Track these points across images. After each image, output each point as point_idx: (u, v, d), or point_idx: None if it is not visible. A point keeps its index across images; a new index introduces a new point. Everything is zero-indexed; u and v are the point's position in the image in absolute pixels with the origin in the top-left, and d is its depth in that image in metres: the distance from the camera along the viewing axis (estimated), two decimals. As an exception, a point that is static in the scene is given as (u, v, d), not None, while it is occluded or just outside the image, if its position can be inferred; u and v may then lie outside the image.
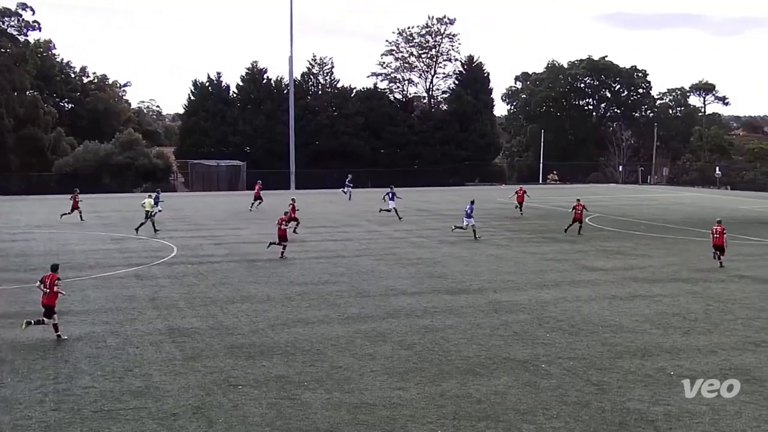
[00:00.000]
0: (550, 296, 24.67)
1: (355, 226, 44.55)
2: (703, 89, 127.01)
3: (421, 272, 28.92)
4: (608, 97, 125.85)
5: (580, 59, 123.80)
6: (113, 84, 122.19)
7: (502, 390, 15.51)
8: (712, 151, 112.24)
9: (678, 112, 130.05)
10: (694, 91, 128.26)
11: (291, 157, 79.78)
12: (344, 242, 37.40)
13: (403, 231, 41.81)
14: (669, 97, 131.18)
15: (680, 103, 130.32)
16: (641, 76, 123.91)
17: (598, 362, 17.40)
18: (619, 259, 32.53)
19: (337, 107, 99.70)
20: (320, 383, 15.88)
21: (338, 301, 23.65)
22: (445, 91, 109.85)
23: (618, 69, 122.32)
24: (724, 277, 28.24)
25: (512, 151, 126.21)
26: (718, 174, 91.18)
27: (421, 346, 18.62)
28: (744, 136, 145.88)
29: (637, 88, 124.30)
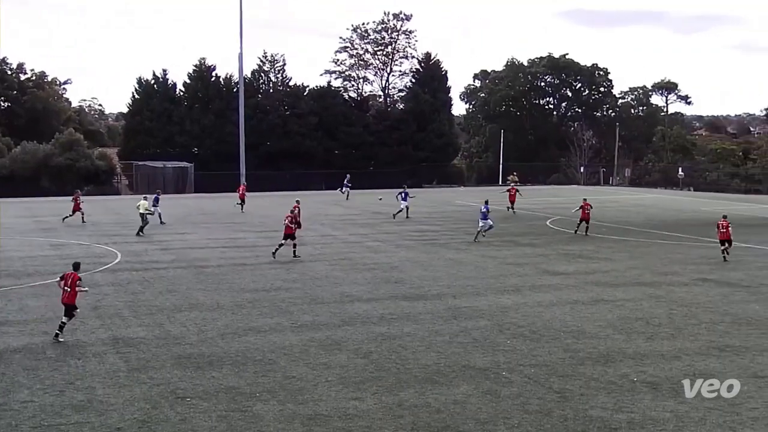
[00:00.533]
0: (510, 301, 24.83)
1: (308, 230, 44.36)
2: (666, 88, 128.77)
3: (378, 278, 28.94)
4: (569, 96, 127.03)
5: (540, 57, 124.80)
6: (52, 81, 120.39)
7: (461, 399, 15.56)
8: (675, 152, 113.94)
9: (640, 112, 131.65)
10: (656, 90, 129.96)
11: (241, 158, 79.27)
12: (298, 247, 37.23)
13: (359, 235, 41.83)
14: (631, 96, 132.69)
15: (642, 103, 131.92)
16: (603, 74, 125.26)
17: (560, 369, 17.54)
18: (581, 263, 32.87)
19: (289, 106, 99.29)
20: (273, 394, 15.80)
21: (291, 309, 23.56)
22: (402, 90, 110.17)
23: (579, 67, 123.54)
24: (688, 281, 28.67)
25: (471, 151, 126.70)
26: (680, 175, 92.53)
27: (377, 355, 18.63)
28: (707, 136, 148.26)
29: (598, 86, 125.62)
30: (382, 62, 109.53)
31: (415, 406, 15.20)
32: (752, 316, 22.99)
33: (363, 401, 15.43)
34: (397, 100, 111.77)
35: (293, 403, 15.29)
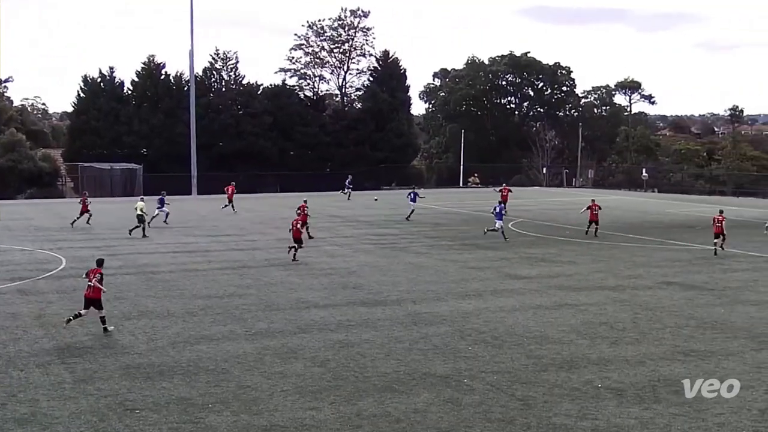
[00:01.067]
0: (472, 307, 24.92)
1: (263, 234, 44.27)
2: (629, 87, 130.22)
3: (335, 283, 28.89)
4: (531, 95, 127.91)
5: (501, 55, 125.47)
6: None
7: (422, 408, 15.59)
8: (639, 152, 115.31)
9: (603, 112, 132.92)
10: (619, 89, 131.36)
11: (192, 159, 78.69)
12: (251, 251, 37.11)
13: (316, 239, 41.69)
14: (594, 96, 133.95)
15: (605, 102, 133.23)
16: (565, 73, 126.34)
17: (523, 376, 17.65)
18: (543, 267, 33.10)
19: (242, 105, 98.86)
20: (226, 405, 15.71)
21: (245, 316, 23.44)
22: (359, 89, 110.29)
23: (541, 66, 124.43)
24: (652, 284, 29.01)
25: (431, 152, 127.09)
26: (644, 176, 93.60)
27: (335, 363, 18.60)
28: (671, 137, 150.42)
29: (560, 86, 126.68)
30: (339, 60, 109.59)
31: (374, 415, 15.20)
32: (717, 319, 23.32)
33: (320, 411, 15.39)
34: (354, 100, 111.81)
35: (247, 414, 15.21)
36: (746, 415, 15.19)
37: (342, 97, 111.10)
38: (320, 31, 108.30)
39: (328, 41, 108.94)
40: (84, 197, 48.43)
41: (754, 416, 15.16)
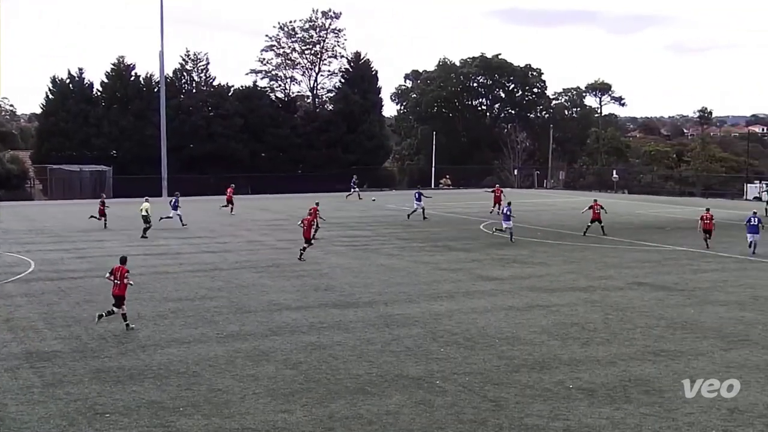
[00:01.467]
0: (444, 308, 24.97)
1: (234, 236, 44.12)
2: (599, 89, 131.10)
3: (307, 285, 28.85)
4: (502, 97, 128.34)
5: (472, 57, 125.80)
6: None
7: (394, 410, 15.60)
8: (609, 154, 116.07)
9: (574, 113, 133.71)
10: (590, 91, 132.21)
11: (163, 161, 78.28)
12: (223, 254, 36.98)
13: (287, 241, 41.63)
14: (565, 98, 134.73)
15: (576, 104, 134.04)
16: (536, 75, 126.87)
17: (495, 377, 17.71)
18: (515, 268, 33.23)
19: (213, 107, 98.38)
20: (197, 408, 15.63)
21: (216, 318, 23.35)
22: (331, 90, 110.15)
23: (512, 68, 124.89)
24: (623, 285, 29.20)
25: (403, 154, 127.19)
26: (615, 177, 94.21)
27: (307, 365, 18.57)
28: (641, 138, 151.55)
29: (531, 87, 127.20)
30: (310, 62, 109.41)
31: (347, 417, 15.19)
32: (687, 320, 23.52)
33: (292, 414, 15.36)
34: (325, 101, 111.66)
35: (219, 417, 15.15)
36: (716, 415, 15.33)
37: (313, 98, 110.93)
38: (291, 32, 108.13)
39: (300, 42, 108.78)
40: (102, 200, 49.10)
41: (723, 415, 15.30)
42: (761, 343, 20.76)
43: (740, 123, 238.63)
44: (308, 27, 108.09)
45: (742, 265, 34.70)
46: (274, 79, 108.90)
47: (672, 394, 16.52)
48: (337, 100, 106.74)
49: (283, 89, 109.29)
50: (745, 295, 27.52)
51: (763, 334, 21.74)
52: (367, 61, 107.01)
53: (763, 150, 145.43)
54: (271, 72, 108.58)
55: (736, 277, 31.36)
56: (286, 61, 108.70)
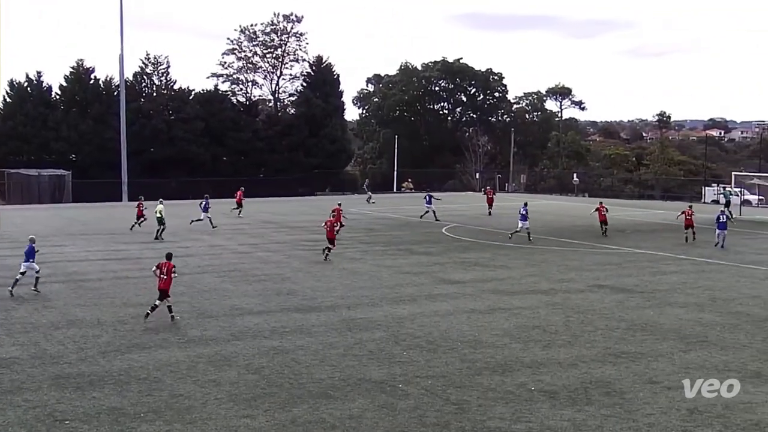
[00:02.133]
0: (406, 312, 25.00)
1: (196, 240, 43.82)
2: (560, 93, 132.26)
3: (269, 289, 28.75)
4: (464, 101, 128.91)
5: (434, 61, 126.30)
6: None
7: (357, 414, 15.58)
8: (570, 157, 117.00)
9: (535, 117, 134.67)
10: (550, 95, 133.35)
11: (123, 165, 77.62)
12: (185, 258, 36.69)
13: (249, 245, 41.50)
14: (525, 102, 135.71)
15: (537, 108, 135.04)
16: (497, 79, 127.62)
17: (458, 380, 17.75)
18: (477, 271, 33.36)
19: (174, 111, 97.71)
20: (158, 414, 15.51)
21: (178, 323, 23.18)
22: (293, 94, 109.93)
23: (473, 72, 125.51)
24: (584, 288, 29.43)
25: (365, 157, 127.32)
26: (575, 181, 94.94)
27: (269, 370, 18.49)
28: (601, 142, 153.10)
29: (493, 91, 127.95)
30: (272, 65, 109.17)
31: (309, 422, 15.15)
32: (647, 321, 23.75)
33: (254, 419, 15.29)
34: (287, 105, 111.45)
35: (180, 423, 15.04)
36: (675, 415, 15.49)
37: (275, 102, 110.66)
38: (253, 35, 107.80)
39: (261, 46, 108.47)
40: (140, 203, 49.52)
41: (683, 416, 15.47)
42: (719, 345, 21.02)
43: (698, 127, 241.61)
44: (270, 31, 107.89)
45: (700, 267, 35.12)
46: (236, 83, 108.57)
47: (632, 395, 16.67)
48: (299, 103, 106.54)
49: (245, 93, 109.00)
50: (703, 297, 27.86)
51: (721, 336, 22.02)
52: (329, 64, 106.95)
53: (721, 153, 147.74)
54: (233, 76, 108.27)
55: (694, 279, 31.73)
56: (248, 65, 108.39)
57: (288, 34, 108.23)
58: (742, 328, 22.92)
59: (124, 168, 77.62)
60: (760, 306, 26.19)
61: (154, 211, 44.52)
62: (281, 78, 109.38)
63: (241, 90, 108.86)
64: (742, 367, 18.84)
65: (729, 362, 19.24)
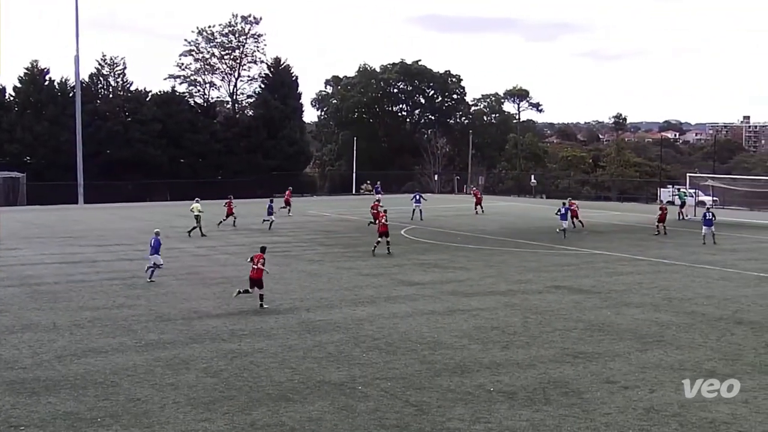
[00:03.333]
0: (365, 313, 25.00)
1: (153, 243, 43.42)
2: (517, 95, 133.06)
3: (227, 292, 28.55)
4: (422, 103, 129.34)
5: (393, 63, 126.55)
6: None
7: (316, 416, 15.55)
8: (527, 159, 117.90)
9: (493, 119, 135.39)
10: (508, 97, 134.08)
11: (79, 167, 76.78)
12: (141, 261, 36.33)
13: (207, 248, 41.26)
14: (483, 104, 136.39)
15: (495, 110, 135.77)
16: (455, 81, 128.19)
17: (417, 381, 17.78)
18: (436, 273, 33.44)
19: (130, 112, 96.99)
20: (115, 419, 15.35)
21: (135, 327, 22.97)
22: (251, 96, 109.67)
23: (432, 74, 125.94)
24: (542, 289, 29.62)
25: (324, 159, 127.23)
26: (533, 182, 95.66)
27: (228, 373, 18.39)
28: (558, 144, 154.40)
29: (451, 93, 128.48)
30: (230, 67, 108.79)
31: (269, 425, 15.09)
32: (604, 322, 23.96)
33: (213, 422, 15.19)
34: (245, 107, 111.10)
35: (138, 428, 14.90)
36: (632, 414, 15.64)
37: (233, 104, 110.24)
38: (210, 37, 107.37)
39: (219, 47, 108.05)
40: (229, 201, 51.72)
41: (639, 415, 15.62)
42: (675, 344, 21.26)
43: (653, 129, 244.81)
44: (228, 32, 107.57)
45: (656, 267, 35.51)
46: (193, 85, 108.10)
47: (590, 395, 16.80)
48: (257, 105, 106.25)
49: (203, 94, 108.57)
50: (659, 297, 28.17)
51: (677, 335, 22.28)
52: (287, 66, 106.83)
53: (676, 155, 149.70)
54: (190, 77, 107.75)
55: (650, 279, 32.07)
56: (205, 66, 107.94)
57: (246, 35, 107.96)
58: (697, 328, 23.22)
59: (80, 170, 76.80)
60: (715, 306, 26.55)
61: (190, 209, 46.61)
62: (239, 80, 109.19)
63: (199, 91, 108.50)
64: (698, 366, 19.08)
65: (684, 361, 19.47)
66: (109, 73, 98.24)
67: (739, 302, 27.10)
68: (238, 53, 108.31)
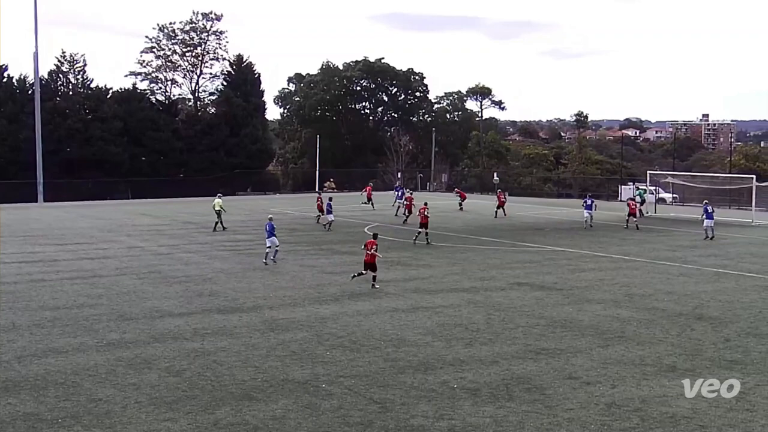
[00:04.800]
0: (329, 311, 24.98)
1: (114, 242, 43.13)
2: (480, 93, 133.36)
3: (190, 291, 28.44)
4: (385, 100, 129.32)
5: (355, 61, 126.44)
6: None
7: (280, 415, 15.51)
8: (490, 157, 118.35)
9: (455, 117, 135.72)
10: (471, 95, 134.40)
11: (38, 165, 75.96)
12: (102, 260, 36.11)
13: (169, 246, 41.00)
14: (446, 101, 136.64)
15: (458, 108, 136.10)
16: (418, 79, 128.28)
17: (381, 379, 17.80)
18: (399, 270, 33.49)
19: (90, 110, 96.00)
20: (77, 419, 15.21)
21: (96, 327, 22.77)
22: (213, 93, 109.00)
23: (395, 72, 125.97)
24: (504, 286, 29.78)
25: (286, 157, 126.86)
26: (495, 180, 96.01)
27: (191, 372, 18.29)
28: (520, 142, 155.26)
29: (414, 91, 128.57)
30: (192, 64, 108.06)
31: (232, 424, 15.03)
32: (566, 318, 24.15)
33: (176, 422, 15.11)
34: (207, 104, 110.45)
35: (100, 428, 14.77)
36: (594, 410, 15.78)
37: (195, 101, 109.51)
38: (172, 34, 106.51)
39: (181, 44, 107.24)
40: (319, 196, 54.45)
41: (601, 410, 15.76)
42: (636, 340, 21.48)
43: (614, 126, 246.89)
44: (189, 29, 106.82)
45: (617, 264, 35.84)
46: (155, 82, 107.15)
47: (552, 391, 16.92)
48: (219, 103, 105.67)
49: (164, 92, 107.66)
50: (620, 293, 28.43)
51: (638, 331, 22.51)
52: (249, 63, 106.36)
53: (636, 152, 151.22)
54: (151, 74, 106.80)
55: (611, 276, 32.36)
56: (167, 64, 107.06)
57: (208, 32, 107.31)
58: (657, 324, 23.47)
59: (39, 168, 75.99)
60: (675, 301, 26.86)
61: (212, 205, 48.62)
62: (201, 77, 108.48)
63: (160, 89, 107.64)
64: (658, 361, 19.30)
65: (645, 357, 19.68)
66: (68, 70, 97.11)
67: (699, 298, 27.46)
68: (199, 50, 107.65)
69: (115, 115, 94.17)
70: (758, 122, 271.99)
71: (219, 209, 47.88)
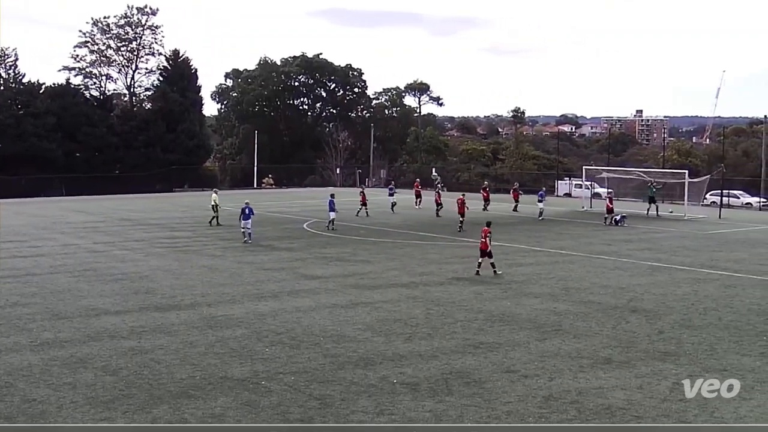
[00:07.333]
0: (268, 308, 24.87)
1: (48, 239, 42.38)
2: (418, 89, 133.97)
3: (126, 288, 28.08)
4: (324, 96, 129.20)
5: (293, 56, 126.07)
6: None
7: (219, 412, 15.40)
8: (429, 152, 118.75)
9: (394, 113, 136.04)
10: (409, 91, 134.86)
11: (-32, 162, 74.33)
12: (36, 258, 35.46)
13: (105, 243, 40.43)
14: (385, 97, 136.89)
15: (396, 104, 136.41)
16: (357, 75, 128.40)
17: (321, 375, 17.78)
18: (338, 266, 33.47)
19: (22, 105, 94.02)
20: (10, 420, 14.92)
21: (30, 326, 22.36)
22: (149, 89, 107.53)
23: (333, 67, 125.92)
24: (443, 280, 29.96)
25: (224, 153, 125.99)
26: (434, 175, 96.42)
27: (127, 371, 18.06)
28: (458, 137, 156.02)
29: (352, 87, 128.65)
30: (127, 59, 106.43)
31: (170, 422, 14.88)
32: (504, 312, 24.37)
33: (113, 421, 14.91)
34: (143, 100, 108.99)
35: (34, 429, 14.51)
36: (532, 402, 15.95)
37: (131, 97, 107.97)
38: (106, 28, 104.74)
39: (115, 39, 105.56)
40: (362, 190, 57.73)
41: (539, 403, 15.95)
42: (572, 333, 21.77)
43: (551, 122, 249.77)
44: (124, 23, 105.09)
45: (553, 258, 36.27)
46: (89, 77, 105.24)
47: (491, 384, 17.07)
48: (155, 98, 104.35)
49: (99, 87, 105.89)
50: (557, 287, 28.79)
51: (574, 324, 22.82)
52: (186, 58, 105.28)
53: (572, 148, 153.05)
54: (86, 69, 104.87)
55: (548, 270, 32.75)
56: (101, 58, 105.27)
57: (143, 27, 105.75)
58: (593, 317, 23.82)
59: (-31, 165, 74.31)
60: (610, 295, 27.28)
61: (211, 200, 49.76)
62: (137, 72, 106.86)
63: (95, 84, 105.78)
64: (594, 353, 19.59)
65: (582, 349, 19.96)
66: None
67: (634, 291, 27.93)
68: (135, 45, 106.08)
69: (48, 111, 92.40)
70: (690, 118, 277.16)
71: (213, 203, 49.21)
